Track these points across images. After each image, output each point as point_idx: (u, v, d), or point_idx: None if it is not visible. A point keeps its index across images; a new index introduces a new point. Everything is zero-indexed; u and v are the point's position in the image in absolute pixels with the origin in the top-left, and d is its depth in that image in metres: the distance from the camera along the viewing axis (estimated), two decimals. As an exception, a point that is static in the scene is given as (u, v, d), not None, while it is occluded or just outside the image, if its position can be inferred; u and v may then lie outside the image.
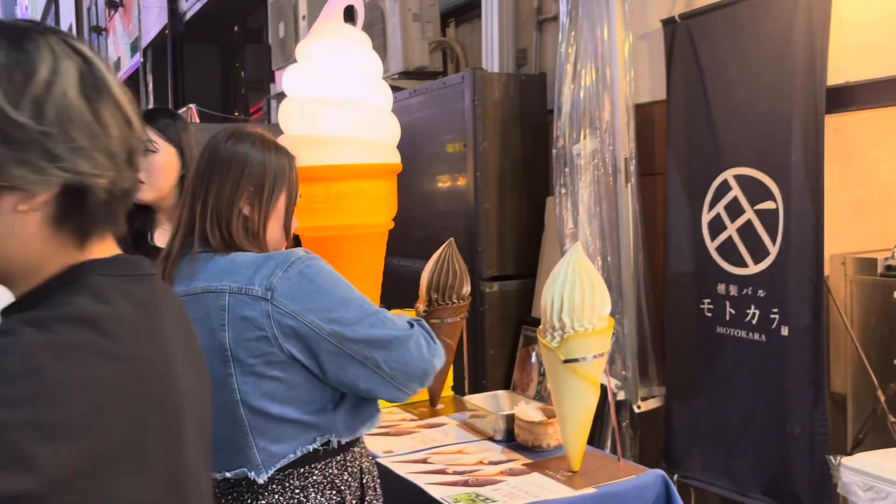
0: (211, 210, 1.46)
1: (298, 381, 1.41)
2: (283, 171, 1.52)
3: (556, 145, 3.29)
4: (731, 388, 2.75)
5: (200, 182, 1.50)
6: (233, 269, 1.43)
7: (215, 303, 1.41)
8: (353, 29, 2.31)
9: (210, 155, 1.51)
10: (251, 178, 1.48)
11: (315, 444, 1.43)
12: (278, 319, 1.37)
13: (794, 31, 2.49)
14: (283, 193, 1.52)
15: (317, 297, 1.38)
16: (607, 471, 1.72)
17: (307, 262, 1.42)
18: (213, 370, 1.43)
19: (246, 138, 1.52)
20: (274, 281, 1.39)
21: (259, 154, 1.50)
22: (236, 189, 1.47)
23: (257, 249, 1.48)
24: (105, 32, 15.15)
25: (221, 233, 1.46)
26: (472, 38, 4.45)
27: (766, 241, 2.62)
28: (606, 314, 1.71)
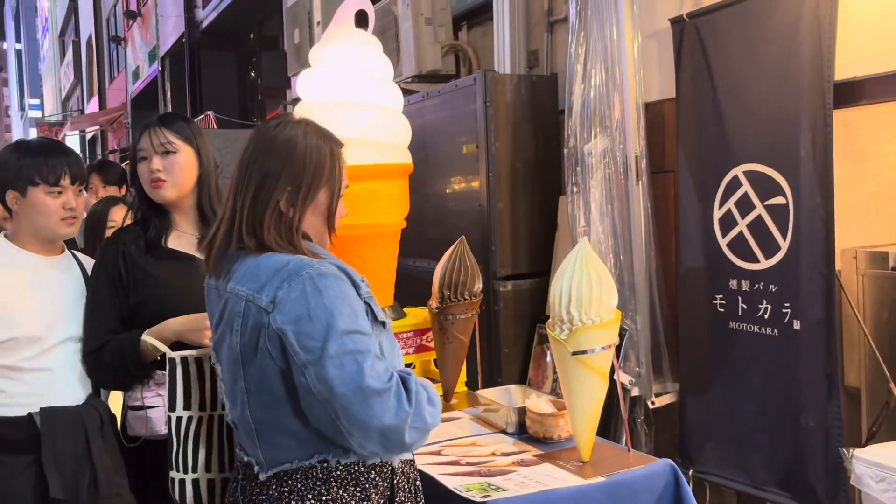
0: (249, 207, 1.46)
1: (294, 395, 1.40)
2: (324, 160, 1.48)
3: (568, 145, 3.32)
4: (744, 383, 2.77)
5: (243, 175, 1.48)
6: (254, 274, 1.43)
7: (235, 306, 1.44)
8: (364, 33, 2.35)
9: (255, 145, 1.50)
10: (292, 170, 1.45)
11: (311, 461, 1.41)
12: (272, 334, 1.38)
13: (801, 27, 2.51)
14: (325, 187, 1.48)
15: (305, 321, 1.35)
16: (617, 461, 1.75)
17: (316, 278, 1.38)
18: (230, 369, 1.48)
19: (293, 126, 1.50)
20: (279, 294, 1.38)
21: (303, 140, 1.47)
22: (275, 185, 1.45)
23: (289, 245, 1.45)
24: (124, 42, 15.35)
25: (255, 233, 1.46)
26: (484, 41, 4.49)
27: (776, 236, 2.63)
28: (614, 307, 1.74)
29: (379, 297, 2.42)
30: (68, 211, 1.92)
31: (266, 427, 1.44)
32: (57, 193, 1.90)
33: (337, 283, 1.40)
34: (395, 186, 2.34)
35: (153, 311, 1.87)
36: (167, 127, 1.96)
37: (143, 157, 1.95)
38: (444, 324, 2.20)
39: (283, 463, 1.43)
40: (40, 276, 1.92)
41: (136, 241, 1.95)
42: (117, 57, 16.80)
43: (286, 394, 1.40)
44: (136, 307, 1.91)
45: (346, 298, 1.39)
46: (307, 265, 1.41)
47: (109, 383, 1.97)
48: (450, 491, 1.63)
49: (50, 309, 1.89)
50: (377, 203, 2.29)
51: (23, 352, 1.83)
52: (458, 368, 2.28)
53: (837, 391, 2.50)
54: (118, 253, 1.93)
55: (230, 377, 1.48)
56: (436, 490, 1.65)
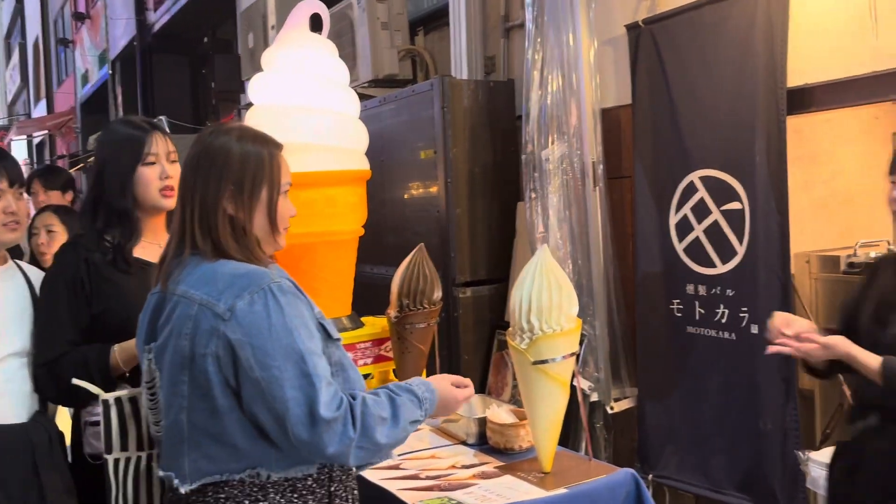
0: (199, 214, 1.46)
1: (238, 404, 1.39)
2: (262, 161, 1.49)
3: (525, 151, 3.32)
4: (702, 388, 2.78)
5: (187, 182, 1.49)
6: (210, 280, 1.42)
7: (186, 309, 1.42)
8: (318, 37, 2.31)
9: (195, 152, 1.51)
10: (231, 173, 1.46)
11: (242, 475, 1.40)
12: (224, 344, 1.37)
13: (754, 34, 2.53)
14: (265, 185, 1.49)
15: (265, 337, 1.36)
16: (579, 471, 1.74)
17: (277, 293, 1.39)
18: (171, 373, 1.44)
19: (227, 132, 1.51)
20: (238, 304, 1.38)
21: (237, 146, 1.48)
22: (218, 188, 1.46)
23: (246, 250, 1.46)
24: (72, 45, 14.99)
25: (211, 237, 1.45)
26: (440, 46, 4.48)
27: (732, 241, 2.66)
28: (574, 314, 1.72)
29: (337, 305, 2.39)
30: (9, 215, 1.83)
31: (202, 435, 1.41)
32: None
33: (296, 301, 1.42)
34: (352, 193, 2.29)
35: (117, 322, 1.80)
36: (164, 133, 1.92)
37: (152, 161, 1.89)
38: (402, 333, 2.16)
39: (210, 474, 1.41)
40: None
41: (100, 248, 1.87)
42: (65, 60, 16.40)
43: (231, 403, 1.39)
44: (98, 317, 1.83)
45: (304, 318, 1.41)
46: (267, 277, 1.41)
47: (66, 397, 1.87)
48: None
49: None
50: (334, 210, 2.24)
51: None
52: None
53: (794, 394, 2.53)
54: (79, 259, 1.84)
55: (170, 382, 1.45)
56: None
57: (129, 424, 1.65)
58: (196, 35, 9.87)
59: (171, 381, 1.45)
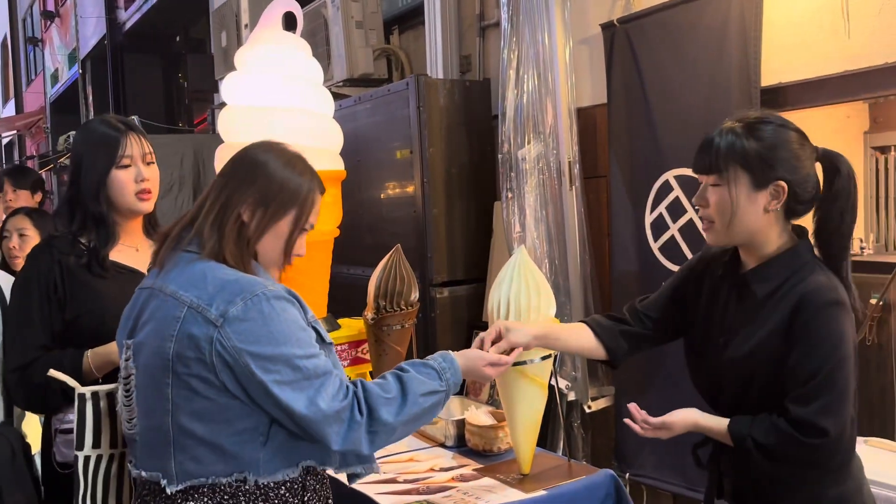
0: (215, 212, 1.45)
1: (229, 407, 1.38)
2: (299, 193, 1.49)
3: (502, 150, 3.31)
4: (678, 386, 2.79)
5: (218, 182, 1.50)
6: (200, 283, 1.40)
7: (173, 311, 1.40)
8: (292, 36, 2.28)
9: (236, 157, 1.51)
10: (262, 186, 1.46)
11: (230, 479, 1.39)
12: (219, 350, 1.36)
13: (728, 33, 2.55)
14: (291, 215, 1.48)
15: (263, 343, 1.35)
16: (558, 472, 1.73)
17: (271, 299, 1.38)
18: (153, 374, 1.42)
19: (275, 150, 1.51)
20: (231, 309, 1.36)
21: (280, 167, 1.48)
22: (242, 191, 1.45)
23: (240, 261, 1.44)
24: (41, 44, 14.76)
25: (217, 233, 1.44)
26: (416, 45, 4.46)
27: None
28: (552, 316, 1.72)
29: (312, 308, 2.35)
30: None
31: (188, 438, 1.39)
32: None
33: (289, 306, 1.41)
34: (326, 194, 2.26)
35: (92, 327, 1.76)
36: (141, 134, 1.88)
37: (126, 164, 1.84)
38: (379, 335, 2.14)
39: (197, 477, 1.39)
40: None
41: (74, 251, 1.82)
42: (35, 59, 16.14)
43: (221, 407, 1.38)
44: (73, 322, 1.78)
45: (299, 323, 1.41)
46: (260, 284, 1.40)
47: (36, 404, 1.82)
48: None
49: None
50: (308, 211, 2.22)
51: None
52: (395, 380, 2.22)
53: (767, 392, 2.54)
54: (53, 262, 1.79)
55: (152, 383, 1.42)
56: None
57: (103, 421, 1.61)
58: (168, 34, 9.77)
59: (153, 382, 1.43)
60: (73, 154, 1.90)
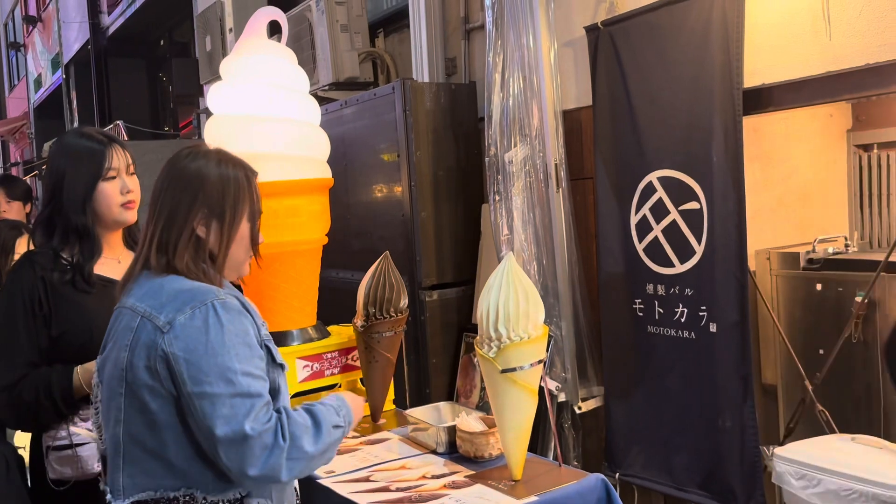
0: (160, 235, 1.44)
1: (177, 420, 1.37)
2: (242, 187, 1.48)
3: (489, 153, 3.32)
4: (664, 387, 2.81)
5: (155, 204, 1.48)
6: (156, 293, 1.41)
7: (130, 321, 1.42)
8: (277, 44, 2.28)
9: (166, 174, 1.49)
10: (207, 197, 1.45)
11: (177, 493, 1.38)
12: (160, 356, 1.36)
13: (711, 35, 2.56)
14: (245, 213, 1.49)
15: (200, 353, 1.34)
16: (549, 477, 1.74)
17: (220, 309, 1.37)
18: (110, 385, 1.42)
19: (203, 156, 1.49)
20: (178, 318, 1.37)
21: (216, 171, 1.47)
22: (189, 210, 1.44)
23: (199, 272, 1.44)
24: (24, 49, 14.63)
25: (166, 257, 1.44)
26: (401, 49, 4.46)
27: (691, 240, 2.68)
28: (541, 322, 1.73)
29: (301, 315, 2.36)
30: None
31: (139, 449, 1.39)
32: None
33: (240, 319, 1.40)
34: (314, 202, 2.27)
35: (79, 343, 1.75)
36: (122, 146, 1.88)
37: (113, 176, 1.85)
38: (369, 342, 2.15)
39: (145, 490, 1.39)
40: None
41: (57, 266, 1.81)
42: (17, 64, 16.00)
43: (169, 419, 1.38)
44: (59, 338, 1.77)
45: (246, 337, 1.39)
46: (213, 293, 1.40)
47: (27, 422, 1.81)
48: (380, 520, 1.59)
49: None
50: (296, 220, 2.22)
51: None
52: (386, 387, 2.23)
53: (752, 392, 2.56)
54: (36, 278, 1.78)
55: (108, 394, 1.44)
56: (365, 519, 1.60)
57: None
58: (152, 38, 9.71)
59: (108, 393, 1.44)
60: (53, 168, 1.88)
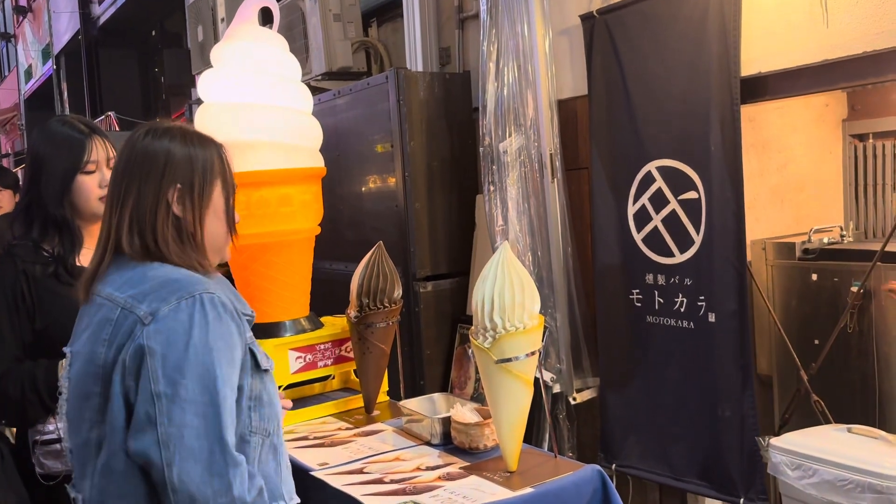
0: (130, 218, 1.33)
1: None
2: (212, 162, 1.38)
3: (483, 143, 3.29)
4: (662, 377, 2.80)
5: (118, 188, 1.35)
6: (139, 282, 1.30)
7: (109, 313, 1.30)
8: (269, 31, 2.25)
9: (127, 156, 1.37)
10: (176, 174, 1.34)
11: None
12: (135, 349, 1.23)
13: (708, 23, 2.54)
14: (217, 186, 1.38)
15: (181, 349, 1.22)
16: (544, 469, 1.72)
17: (208, 304, 1.25)
18: (83, 383, 1.29)
19: (165, 133, 1.38)
20: (162, 308, 1.25)
21: (182, 148, 1.36)
22: (159, 189, 1.33)
23: (188, 256, 1.34)
24: (14, 39, 14.52)
25: (144, 241, 1.32)
26: (395, 38, 4.42)
27: (690, 230, 2.67)
28: (537, 312, 1.71)
29: (294, 306, 2.34)
30: None
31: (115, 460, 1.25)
32: None
33: (227, 318, 1.28)
34: (306, 191, 2.24)
35: (64, 335, 1.69)
36: (104, 137, 1.83)
37: (91, 170, 1.79)
38: (363, 333, 2.12)
39: (113, 499, 1.26)
40: None
41: (38, 258, 1.77)
42: (7, 55, 15.88)
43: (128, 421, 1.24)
44: (43, 331, 1.74)
45: (230, 340, 1.28)
46: (202, 285, 1.29)
47: (13, 417, 1.78)
48: (374, 512, 1.57)
49: None
50: (288, 209, 2.19)
51: None
52: (380, 378, 2.21)
53: (751, 382, 2.56)
54: (17, 272, 1.74)
55: (80, 393, 1.31)
56: (359, 512, 1.58)
57: None
58: (144, 28, 9.64)
59: (81, 392, 1.31)
60: (33, 155, 1.83)
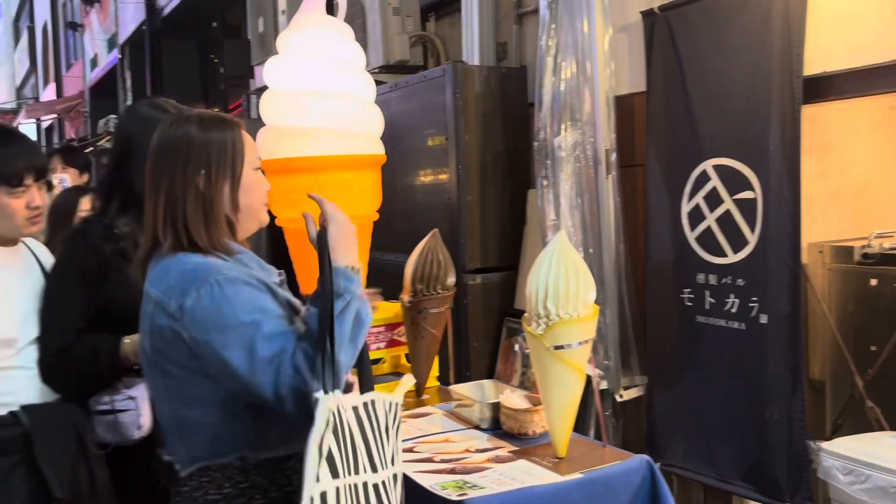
0: (164, 205, 1.44)
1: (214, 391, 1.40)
2: (234, 141, 1.48)
3: (538, 138, 3.31)
4: (711, 377, 2.78)
5: (151, 179, 1.47)
6: (164, 277, 1.42)
7: (146, 307, 1.45)
8: (335, 20, 2.30)
9: (157, 144, 1.49)
10: (200, 159, 1.44)
11: (229, 458, 1.40)
12: (184, 339, 1.38)
13: (771, 21, 2.52)
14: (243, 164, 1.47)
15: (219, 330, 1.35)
16: (593, 456, 1.74)
17: (223, 284, 1.37)
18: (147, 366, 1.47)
19: (186, 120, 1.49)
20: (187, 302, 1.37)
21: (201, 133, 1.46)
22: (185, 172, 1.44)
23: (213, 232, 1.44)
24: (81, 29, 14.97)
25: (175, 230, 1.43)
26: (452, 32, 4.46)
27: (744, 230, 2.65)
28: (591, 301, 1.72)
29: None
30: (33, 210, 1.78)
31: (187, 424, 1.43)
32: (20, 193, 1.76)
33: (245, 289, 1.40)
34: (366, 177, 2.29)
35: (125, 312, 1.77)
36: None
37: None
38: (416, 318, 2.16)
39: (203, 459, 1.42)
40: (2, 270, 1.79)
41: (109, 235, 1.85)
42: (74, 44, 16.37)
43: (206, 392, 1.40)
44: (107, 306, 1.81)
45: (257, 302, 1.39)
46: (214, 271, 1.40)
47: (72, 388, 1.85)
48: (425, 489, 1.60)
49: (19, 306, 1.76)
50: (347, 195, 2.24)
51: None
52: (430, 363, 2.25)
53: (801, 385, 2.53)
54: (88, 248, 1.82)
55: (149, 376, 1.48)
56: (410, 488, 1.62)
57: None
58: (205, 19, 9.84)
59: (148, 375, 1.48)
60: (123, 135, 1.93)
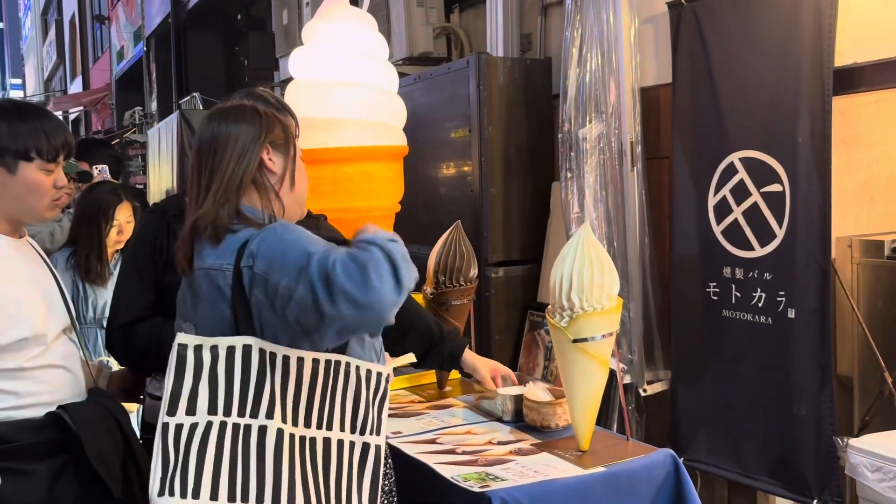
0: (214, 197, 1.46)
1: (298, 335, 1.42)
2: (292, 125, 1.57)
3: (562, 130, 3.29)
4: (736, 372, 2.76)
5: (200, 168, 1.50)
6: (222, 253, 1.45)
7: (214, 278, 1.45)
8: (360, 11, 2.30)
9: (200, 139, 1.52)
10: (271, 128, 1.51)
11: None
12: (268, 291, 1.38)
13: (801, 12, 2.48)
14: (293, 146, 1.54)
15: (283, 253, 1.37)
16: (616, 450, 1.73)
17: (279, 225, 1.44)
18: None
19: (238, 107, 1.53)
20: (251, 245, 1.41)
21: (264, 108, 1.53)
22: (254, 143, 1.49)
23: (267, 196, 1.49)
24: (108, 22, 15.12)
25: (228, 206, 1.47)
26: (476, 24, 4.44)
27: (772, 223, 2.61)
28: (615, 294, 1.71)
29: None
30: (60, 190, 1.67)
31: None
32: (51, 170, 1.65)
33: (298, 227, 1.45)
34: (389, 169, 2.29)
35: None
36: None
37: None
38: (439, 310, 2.16)
39: None
40: (18, 263, 1.68)
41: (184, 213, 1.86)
42: (101, 36, 16.55)
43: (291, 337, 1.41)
44: (169, 287, 1.77)
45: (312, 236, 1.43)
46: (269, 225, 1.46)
47: (135, 363, 1.86)
48: (447, 480, 1.60)
49: (42, 300, 1.67)
50: (371, 185, 2.25)
51: (30, 351, 1.60)
52: (453, 355, 2.24)
53: (830, 380, 2.50)
54: (163, 225, 1.81)
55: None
56: (432, 479, 1.62)
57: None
58: (230, 12, 9.90)
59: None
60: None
